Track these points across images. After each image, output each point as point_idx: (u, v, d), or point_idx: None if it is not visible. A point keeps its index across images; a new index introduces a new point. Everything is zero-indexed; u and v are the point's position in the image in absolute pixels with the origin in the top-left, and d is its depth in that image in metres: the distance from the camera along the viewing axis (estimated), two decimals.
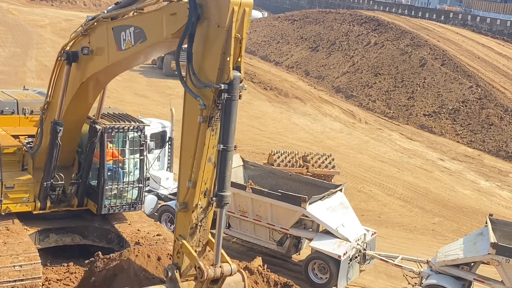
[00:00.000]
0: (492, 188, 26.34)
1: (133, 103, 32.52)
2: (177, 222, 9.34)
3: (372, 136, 33.01)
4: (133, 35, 9.57)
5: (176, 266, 9.28)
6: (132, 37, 9.61)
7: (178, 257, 9.28)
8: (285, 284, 12.41)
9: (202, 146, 8.61)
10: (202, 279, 8.84)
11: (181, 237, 9.11)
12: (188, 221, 9.08)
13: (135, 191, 13.58)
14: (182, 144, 9.01)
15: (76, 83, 11.74)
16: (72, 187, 13.23)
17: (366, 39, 50.17)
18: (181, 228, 9.19)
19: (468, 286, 14.37)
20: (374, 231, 16.60)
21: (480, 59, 43.01)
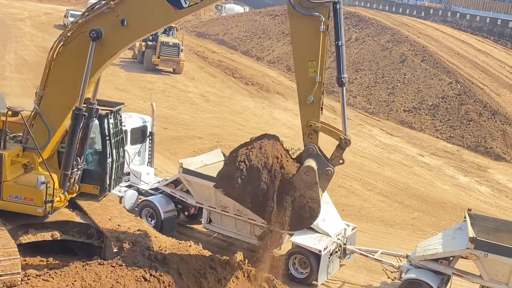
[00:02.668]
0: (471, 183, 26.62)
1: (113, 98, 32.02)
2: (306, 113, 11.63)
3: (353, 131, 33.12)
4: None
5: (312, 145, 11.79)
6: None
7: (311, 138, 11.80)
8: (266, 279, 12.44)
9: (324, 50, 11.47)
10: (347, 146, 11.93)
11: (313, 122, 11.67)
12: (317, 109, 11.57)
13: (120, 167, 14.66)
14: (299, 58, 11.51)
15: (103, 60, 12.02)
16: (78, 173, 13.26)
17: (347, 35, 50.30)
18: (310, 116, 11.64)
19: (447, 280, 14.53)
20: (354, 226, 16.71)
21: (460, 55, 43.40)
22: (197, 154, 22.38)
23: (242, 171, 11.28)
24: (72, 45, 12.15)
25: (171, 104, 34.24)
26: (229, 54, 53.99)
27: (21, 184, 12.27)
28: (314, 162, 11.63)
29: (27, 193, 12.24)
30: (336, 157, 11.95)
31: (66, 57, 12.26)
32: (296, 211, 11.36)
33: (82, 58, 12.01)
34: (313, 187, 11.39)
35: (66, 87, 12.40)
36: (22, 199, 12.27)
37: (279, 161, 11.66)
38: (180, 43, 42.36)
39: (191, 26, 67.59)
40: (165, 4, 11.49)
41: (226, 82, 42.82)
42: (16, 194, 12.26)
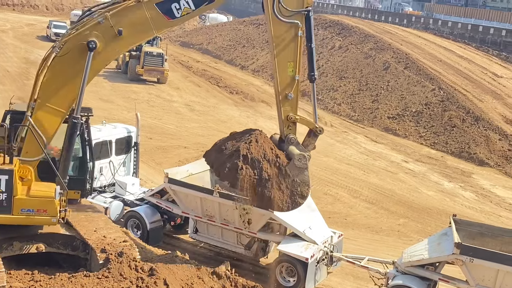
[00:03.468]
0: (455, 189, 26.80)
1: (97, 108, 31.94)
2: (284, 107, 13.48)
3: (337, 139, 33.28)
4: (193, 2, 12.42)
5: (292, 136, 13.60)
6: (192, 4, 12.43)
7: (290, 129, 13.61)
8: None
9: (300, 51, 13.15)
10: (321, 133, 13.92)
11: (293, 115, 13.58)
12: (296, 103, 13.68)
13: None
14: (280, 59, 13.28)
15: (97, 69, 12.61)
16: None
17: (331, 43, 50.62)
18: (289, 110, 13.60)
19: (434, 286, 14.57)
20: (340, 233, 16.72)
21: (442, 62, 43.80)
22: (183, 164, 22.32)
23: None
24: (68, 56, 12.29)
25: (156, 114, 34.16)
26: (214, 63, 54.05)
27: (37, 196, 12.19)
28: (298, 150, 13.53)
29: (40, 205, 12.20)
30: (310, 144, 13.99)
31: (60, 68, 12.38)
32: (290, 194, 13.39)
33: (76, 69, 12.26)
34: (304, 171, 13.45)
35: (59, 98, 12.52)
36: (34, 212, 12.22)
37: (274, 152, 13.47)
38: (164, 53, 42.31)
39: (175, 36, 67.59)
40: (159, 14, 12.28)
41: (210, 91, 42.83)
42: (28, 207, 12.18)
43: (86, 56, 12.22)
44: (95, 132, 17.35)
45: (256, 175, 13.17)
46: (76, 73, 12.31)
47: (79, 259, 13.24)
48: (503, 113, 35.56)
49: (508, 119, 34.80)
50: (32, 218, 12.30)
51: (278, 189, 13.28)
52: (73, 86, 12.35)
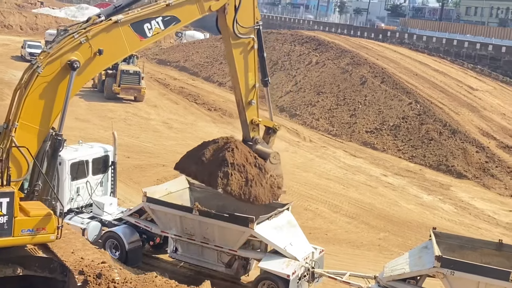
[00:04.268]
0: (435, 201, 26.93)
1: (73, 128, 31.79)
2: (248, 113, 15.35)
3: (316, 154, 33.33)
4: (162, 23, 13.15)
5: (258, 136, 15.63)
6: (162, 24, 13.17)
7: (255, 131, 15.58)
8: None
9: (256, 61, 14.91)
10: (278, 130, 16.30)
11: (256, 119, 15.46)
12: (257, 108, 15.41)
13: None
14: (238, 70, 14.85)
15: (78, 87, 12.80)
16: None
17: (308, 59, 50.92)
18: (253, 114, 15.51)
19: None
20: (322, 249, 16.65)
21: (418, 76, 44.28)
22: (161, 182, 22.14)
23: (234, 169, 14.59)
24: (51, 76, 12.38)
25: (133, 132, 33.93)
26: (191, 81, 54.00)
27: (37, 216, 12.21)
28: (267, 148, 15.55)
29: (39, 224, 12.22)
30: (271, 140, 16.03)
31: (43, 88, 12.41)
32: (269, 188, 15.21)
33: (59, 88, 12.43)
34: (278, 166, 15.38)
35: (42, 117, 12.53)
36: (34, 231, 12.23)
37: (252, 154, 15.18)
38: (141, 71, 42.15)
39: (152, 54, 67.47)
40: (133, 34, 12.86)
41: (188, 109, 42.72)
42: (28, 227, 12.15)
43: (68, 76, 12.40)
44: (71, 152, 17.17)
45: (243, 177, 14.81)
46: (58, 92, 12.48)
47: (57, 282, 12.97)
48: (480, 126, 35.97)
49: (484, 131, 35.21)
50: (32, 238, 12.32)
51: (260, 186, 15.01)
52: (55, 105, 12.49)
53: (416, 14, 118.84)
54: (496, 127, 36.36)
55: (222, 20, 14.46)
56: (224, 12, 14.27)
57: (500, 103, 41.67)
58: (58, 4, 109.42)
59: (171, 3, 13.31)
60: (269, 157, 15.23)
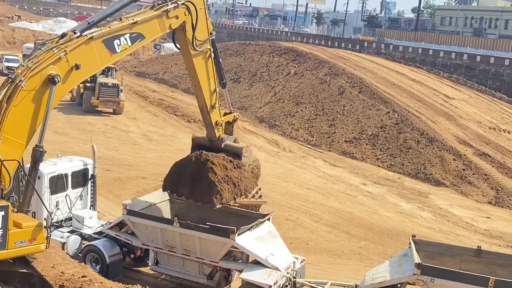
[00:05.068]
0: (413, 209, 27.17)
1: (52, 142, 31.57)
2: (212, 116, 16.21)
3: (296, 164, 33.47)
4: (130, 39, 13.82)
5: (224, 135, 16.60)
6: (129, 41, 13.81)
7: (219, 131, 16.46)
8: None
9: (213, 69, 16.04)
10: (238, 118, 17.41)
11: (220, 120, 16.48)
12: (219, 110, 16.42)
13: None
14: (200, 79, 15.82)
15: (56, 101, 12.98)
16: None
17: (286, 69, 51.21)
18: (216, 116, 16.38)
19: None
20: (303, 259, 16.71)
21: (395, 86, 44.76)
22: (141, 195, 22.03)
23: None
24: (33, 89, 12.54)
25: (113, 145, 33.77)
26: (170, 93, 53.95)
27: (30, 227, 12.32)
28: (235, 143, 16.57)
29: (30, 235, 12.37)
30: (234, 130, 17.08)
31: (25, 102, 12.53)
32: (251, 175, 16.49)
33: (40, 102, 12.64)
34: (252, 155, 16.68)
35: (23, 131, 12.60)
36: (27, 242, 12.36)
37: (227, 159, 16.03)
38: (120, 83, 42.02)
39: (130, 66, 67.32)
40: (104, 49, 13.44)
41: (168, 121, 42.65)
42: (21, 239, 12.27)
43: (48, 89, 12.64)
44: (50, 165, 17.06)
45: (231, 184, 15.81)
46: (39, 106, 12.69)
47: None
48: (456, 134, 36.44)
49: (461, 139, 35.67)
50: (25, 249, 12.45)
51: (245, 179, 16.21)
52: (36, 119, 12.69)
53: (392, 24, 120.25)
54: (472, 135, 36.86)
55: (181, 37, 15.36)
56: (183, 30, 15.12)
57: (476, 111, 42.27)
58: (36, 18, 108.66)
59: (138, 21, 13.95)
60: (241, 152, 16.24)
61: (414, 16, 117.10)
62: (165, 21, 14.56)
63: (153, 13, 14.31)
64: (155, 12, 14.34)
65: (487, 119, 40.69)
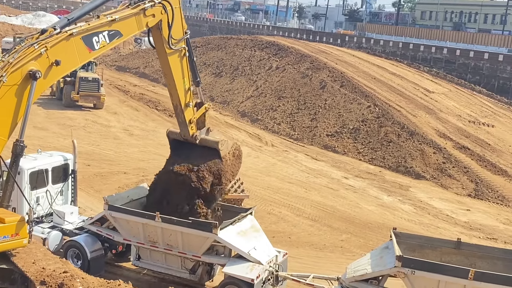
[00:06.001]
0: (394, 202, 27.39)
1: (32, 137, 31.27)
2: (186, 114, 16.25)
3: (279, 158, 33.53)
4: (108, 36, 13.85)
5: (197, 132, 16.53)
6: (107, 38, 13.85)
7: (192, 129, 16.45)
8: None
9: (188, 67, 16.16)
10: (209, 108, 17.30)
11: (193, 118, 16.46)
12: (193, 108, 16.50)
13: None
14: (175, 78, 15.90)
15: (36, 96, 12.96)
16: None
17: (268, 64, 51.21)
18: (190, 114, 16.40)
19: None
20: (285, 252, 16.77)
21: (376, 80, 44.99)
22: (123, 190, 21.98)
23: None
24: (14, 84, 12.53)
25: (93, 140, 33.55)
26: (151, 87, 53.67)
27: (13, 222, 12.37)
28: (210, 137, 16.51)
29: (12, 230, 12.43)
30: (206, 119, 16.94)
31: (6, 97, 12.52)
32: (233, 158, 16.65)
33: (21, 97, 12.65)
34: (229, 143, 16.61)
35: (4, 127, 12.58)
36: (10, 237, 12.42)
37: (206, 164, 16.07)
38: (100, 78, 41.69)
39: (111, 60, 66.83)
40: (83, 46, 13.53)
41: (149, 115, 42.45)
42: (3, 234, 12.33)
43: (28, 85, 12.65)
44: (30, 161, 16.91)
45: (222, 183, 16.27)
46: (20, 101, 12.68)
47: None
48: (436, 127, 36.76)
49: (441, 132, 36.00)
50: (8, 244, 12.48)
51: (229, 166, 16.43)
52: (17, 114, 12.70)
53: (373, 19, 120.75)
54: (452, 128, 37.21)
55: (156, 36, 15.40)
56: (159, 29, 15.19)
57: (456, 105, 42.68)
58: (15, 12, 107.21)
59: (116, 18, 14.05)
60: (217, 147, 16.21)
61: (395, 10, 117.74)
62: (142, 19, 14.62)
63: (130, 11, 14.33)
64: (133, 10, 14.35)
65: (466, 113, 41.11)
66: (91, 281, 13.03)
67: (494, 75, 58.51)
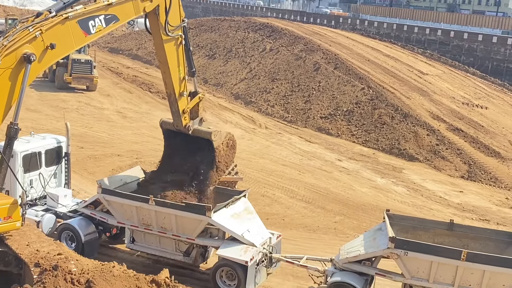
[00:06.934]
0: (388, 184, 27.49)
1: (24, 119, 31.11)
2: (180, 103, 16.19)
3: (272, 140, 33.54)
4: (104, 20, 13.80)
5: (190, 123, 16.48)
6: (103, 22, 13.80)
7: (185, 119, 16.41)
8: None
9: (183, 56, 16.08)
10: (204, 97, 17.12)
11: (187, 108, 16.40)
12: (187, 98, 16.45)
13: None
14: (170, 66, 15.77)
15: (31, 79, 12.96)
16: None
17: (262, 46, 50.99)
18: (184, 104, 16.31)
19: (371, 281, 14.90)
20: (279, 234, 16.84)
21: (370, 62, 44.91)
22: (116, 172, 21.94)
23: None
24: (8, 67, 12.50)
25: (87, 122, 33.43)
26: (144, 69, 53.41)
27: (5, 205, 12.45)
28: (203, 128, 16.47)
29: (5, 213, 12.50)
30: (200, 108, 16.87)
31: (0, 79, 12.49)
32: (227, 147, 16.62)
33: (15, 80, 12.64)
34: (222, 133, 16.53)
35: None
36: (2, 220, 12.49)
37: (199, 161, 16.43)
38: (93, 60, 41.45)
39: (103, 42, 66.36)
40: (79, 30, 13.49)
41: (143, 98, 42.29)
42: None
43: (23, 68, 12.62)
44: (23, 143, 16.85)
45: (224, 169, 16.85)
46: (14, 84, 12.67)
47: (12, 275, 12.79)
48: (430, 109, 36.79)
49: (434, 114, 36.04)
50: (1, 227, 12.54)
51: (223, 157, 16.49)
52: (11, 97, 12.69)
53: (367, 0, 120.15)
54: (445, 110, 37.26)
55: (153, 21, 15.30)
56: (156, 14, 15.12)
57: (450, 86, 42.70)
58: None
59: (113, 2, 14.01)
60: (211, 138, 16.11)
61: None
62: (139, 4, 14.55)
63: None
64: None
65: (460, 95, 41.14)
66: (86, 263, 13.07)
67: (488, 57, 58.49)
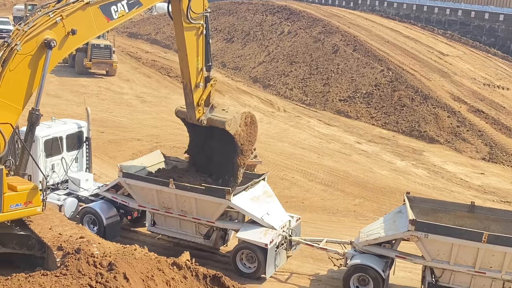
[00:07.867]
0: (408, 167, 27.35)
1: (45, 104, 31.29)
2: (195, 95, 15.81)
3: (291, 123, 33.49)
4: (127, 5, 13.75)
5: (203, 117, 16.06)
6: (126, 7, 13.74)
7: (199, 112, 16.00)
8: (214, 276, 12.43)
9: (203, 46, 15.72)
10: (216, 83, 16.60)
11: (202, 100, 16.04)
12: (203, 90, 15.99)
13: None
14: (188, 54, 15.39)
15: (53, 65, 13.06)
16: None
17: (280, 28, 50.72)
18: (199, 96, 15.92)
19: (391, 263, 14.91)
20: (298, 217, 16.89)
21: (390, 43, 44.47)
22: (137, 157, 22.11)
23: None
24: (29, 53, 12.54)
25: (107, 107, 33.66)
26: (163, 54, 53.50)
27: (24, 190, 12.53)
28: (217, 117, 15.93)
29: (26, 198, 12.59)
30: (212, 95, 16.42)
31: (21, 66, 12.53)
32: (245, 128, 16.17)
33: (36, 66, 12.66)
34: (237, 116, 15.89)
35: (19, 95, 12.60)
36: (22, 205, 12.60)
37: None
38: (112, 45, 41.62)
39: (122, 27, 66.45)
40: (101, 16, 13.41)
41: (161, 82, 42.43)
42: (17, 202, 12.51)
43: (44, 54, 12.63)
44: (44, 128, 17.04)
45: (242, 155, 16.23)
46: (35, 70, 12.70)
47: (36, 258, 12.99)
48: (451, 91, 36.41)
49: (455, 96, 35.66)
50: (21, 212, 12.66)
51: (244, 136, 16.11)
52: (32, 83, 12.71)
53: None
54: (466, 91, 36.84)
55: (176, 6, 15.09)
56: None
57: (470, 67, 42.17)
58: None
59: None
60: (225, 126, 15.59)
61: None
62: None
63: None
64: None
65: (481, 76, 40.62)
66: (108, 246, 13.23)
67: (510, 37, 57.48)
